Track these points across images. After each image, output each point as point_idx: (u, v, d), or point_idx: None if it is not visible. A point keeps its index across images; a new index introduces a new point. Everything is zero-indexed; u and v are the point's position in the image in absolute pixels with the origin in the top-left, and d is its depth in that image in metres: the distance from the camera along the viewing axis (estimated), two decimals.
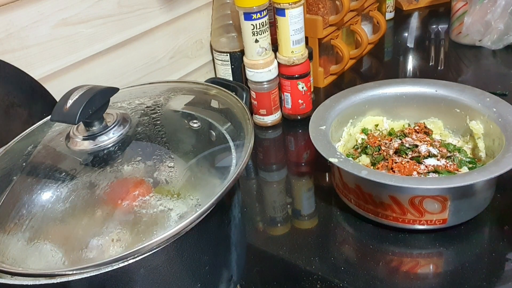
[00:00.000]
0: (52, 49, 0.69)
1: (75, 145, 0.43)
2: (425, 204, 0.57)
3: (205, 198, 0.41)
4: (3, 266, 0.36)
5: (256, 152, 0.82)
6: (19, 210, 0.41)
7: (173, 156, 0.45)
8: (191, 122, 0.49)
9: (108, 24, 0.75)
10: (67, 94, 0.41)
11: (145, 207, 0.41)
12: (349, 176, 0.61)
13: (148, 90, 0.55)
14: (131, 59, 0.80)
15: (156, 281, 0.39)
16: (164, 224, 0.40)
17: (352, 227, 0.64)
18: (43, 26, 0.67)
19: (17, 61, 0.64)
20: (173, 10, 0.84)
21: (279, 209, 0.70)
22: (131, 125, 0.45)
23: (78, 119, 0.40)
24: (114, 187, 0.42)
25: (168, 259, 0.39)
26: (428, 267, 0.58)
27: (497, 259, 0.56)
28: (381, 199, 0.59)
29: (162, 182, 0.43)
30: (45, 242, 0.39)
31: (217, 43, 0.90)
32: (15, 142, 0.49)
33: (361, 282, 0.55)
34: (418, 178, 0.60)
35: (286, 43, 0.82)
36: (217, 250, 0.44)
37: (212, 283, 0.44)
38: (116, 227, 0.40)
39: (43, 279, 0.35)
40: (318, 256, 0.59)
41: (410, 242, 0.60)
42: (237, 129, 0.47)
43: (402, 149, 0.66)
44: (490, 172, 0.54)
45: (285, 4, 0.78)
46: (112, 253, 0.39)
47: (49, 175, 0.43)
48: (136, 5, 0.78)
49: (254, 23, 0.79)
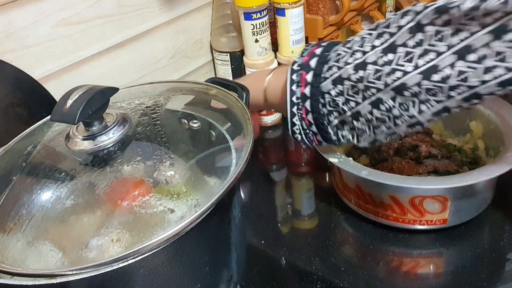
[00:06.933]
0: (52, 49, 0.69)
1: (75, 145, 0.43)
2: (425, 204, 0.57)
3: (205, 198, 0.41)
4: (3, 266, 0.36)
5: (256, 152, 0.82)
6: (19, 210, 0.41)
7: (173, 156, 0.45)
8: (191, 122, 0.49)
9: (108, 24, 0.75)
10: (67, 94, 0.41)
11: (145, 207, 0.41)
12: (349, 176, 0.61)
13: (148, 90, 0.55)
14: (131, 59, 0.80)
15: (156, 281, 0.39)
16: (164, 224, 0.40)
17: (352, 227, 0.64)
18: (43, 26, 0.67)
19: (17, 61, 0.64)
20: (173, 10, 0.84)
21: (279, 209, 0.70)
22: (131, 125, 0.45)
23: (78, 119, 0.40)
24: (114, 187, 0.41)
25: (168, 259, 0.39)
26: (428, 267, 0.58)
27: (498, 259, 0.56)
28: (381, 199, 0.59)
29: (162, 182, 0.43)
30: (45, 242, 0.39)
31: (217, 43, 0.90)
32: (15, 142, 0.49)
33: (361, 282, 0.55)
34: (418, 178, 0.60)
35: (286, 43, 0.82)
36: (217, 250, 0.44)
37: (212, 283, 0.44)
38: (116, 227, 0.40)
39: (43, 279, 0.35)
40: (318, 256, 0.59)
41: (410, 242, 0.60)
42: (237, 129, 0.47)
43: (402, 149, 0.66)
44: (490, 172, 0.54)
45: (285, 4, 0.78)
46: (112, 253, 0.39)
47: (49, 175, 0.43)
48: (136, 5, 0.78)
49: (254, 23, 0.79)
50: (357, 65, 0.46)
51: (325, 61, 0.51)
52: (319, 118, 0.52)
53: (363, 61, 0.46)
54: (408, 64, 0.42)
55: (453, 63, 0.40)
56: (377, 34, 0.46)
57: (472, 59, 0.40)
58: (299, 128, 0.55)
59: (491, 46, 0.39)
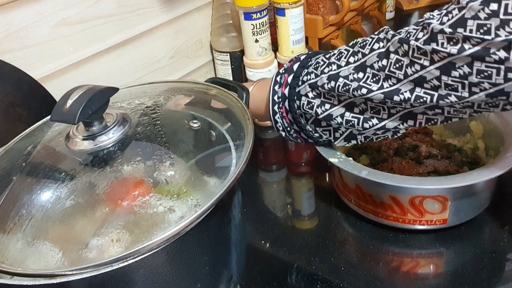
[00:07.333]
0: (52, 49, 0.69)
1: (74, 145, 0.43)
2: (425, 204, 0.57)
3: (205, 198, 0.41)
4: (3, 266, 0.36)
5: (256, 152, 0.82)
6: (19, 210, 0.41)
7: (173, 156, 0.45)
8: (191, 122, 0.49)
9: (108, 24, 0.75)
10: (67, 94, 0.41)
11: (145, 207, 0.41)
12: (349, 176, 0.61)
13: (148, 90, 0.55)
14: (131, 59, 0.80)
15: (156, 281, 0.39)
16: (164, 224, 0.40)
17: (352, 227, 0.64)
18: (43, 26, 0.67)
19: (17, 61, 0.64)
20: (173, 10, 0.84)
21: (279, 209, 0.70)
22: (131, 125, 0.45)
23: (78, 119, 0.40)
24: (114, 187, 0.41)
25: (168, 259, 0.39)
26: (428, 267, 0.58)
27: (498, 259, 0.56)
28: (381, 199, 0.59)
29: (162, 182, 0.43)
30: (45, 242, 0.39)
31: (217, 43, 0.90)
32: (15, 142, 0.49)
33: (361, 282, 0.55)
34: (418, 178, 0.60)
35: (286, 43, 0.82)
36: (217, 250, 0.44)
37: (212, 283, 0.44)
38: (116, 227, 0.40)
39: (43, 279, 0.35)
40: (318, 256, 0.59)
41: (410, 242, 0.60)
42: (237, 129, 0.47)
43: (402, 149, 0.66)
44: (490, 172, 0.54)
45: (285, 4, 0.78)
46: (112, 253, 0.39)
47: (49, 175, 0.43)
48: (136, 5, 0.78)
49: (254, 23, 0.79)
50: (330, 76, 0.51)
51: (305, 65, 0.56)
52: (296, 118, 0.57)
53: (336, 73, 0.51)
54: (374, 85, 0.48)
55: (412, 89, 0.45)
56: (352, 51, 0.51)
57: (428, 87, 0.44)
58: (281, 125, 0.59)
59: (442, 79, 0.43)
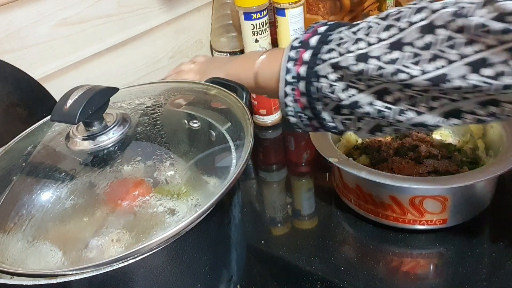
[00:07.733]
0: (52, 49, 0.69)
1: (75, 145, 0.43)
2: (425, 204, 0.57)
3: (205, 198, 0.41)
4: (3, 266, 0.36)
5: (256, 152, 0.82)
6: (19, 210, 0.41)
7: (173, 156, 0.45)
8: (191, 122, 0.49)
9: (108, 24, 0.75)
10: (67, 94, 0.41)
11: (145, 207, 0.41)
12: (349, 176, 0.61)
13: (148, 90, 0.55)
14: (131, 59, 0.80)
15: (156, 281, 0.39)
16: (164, 224, 0.40)
17: (352, 227, 0.64)
18: (43, 26, 0.67)
19: (17, 61, 0.64)
20: (173, 10, 0.84)
21: (279, 209, 0.70)
22: (131, 125, 0.45)
23: (78, 119, 0.40)
24: (114, 187, 0.41)
25: (168, 259, 0.39)
26: (428, 267, 0.58)
27: (497, 259, 0.56)
28: (381, 199, 0.59)
29: (162, 182, 0.43)
30: (45, 242, 0.39)
31: (217, 43, 0.90)
32: (15, 142, 0.49)
33: (361, 282, 0.55)
34: (418, 178, 0.60)
35: (286, 43, 0.81)
36: (217, 250, 0.44)
37: (212, 283, 0.44)
38: (116, 227, 0.40)
39: (43, 279, 0.35)
40: (318, 256, 0.59)
41: (410, 242, 0.60)
42: (237, 129, 0.47)
43: (402, 149, 0.66)
44: (490, 172, 0.54)
45: (285, 4, 0.78)
46: (112, 253, 0.39)
47: (49, 175, 0.43)
48: (136, 5, 0.78)
49: (254, 23, 0.79)
50: (359, 56, 0.42)
51: (325, 41, 0.46)
52: (313, 103, 0.47)
53: (365, 52, 0.41)
54: (416, 68, 0.38)
55: (465, 75, 0.36)
56: (385, 25, 0.41)
57: (487, 73, 0.35)
58: (292, 110, 0.49)
59: (510, 64, 0.34)
